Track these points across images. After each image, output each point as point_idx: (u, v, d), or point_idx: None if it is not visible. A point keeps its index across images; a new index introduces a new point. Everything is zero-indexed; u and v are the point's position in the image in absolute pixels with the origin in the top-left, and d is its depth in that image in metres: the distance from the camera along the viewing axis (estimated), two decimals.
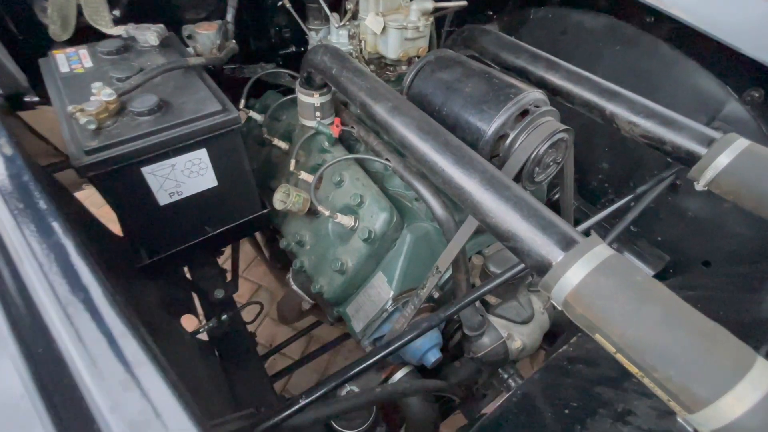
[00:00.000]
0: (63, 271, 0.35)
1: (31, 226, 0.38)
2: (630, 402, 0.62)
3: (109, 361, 0.32)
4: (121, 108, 0.77)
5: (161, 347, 0.45)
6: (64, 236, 0.38)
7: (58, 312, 0.33)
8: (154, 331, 0.70)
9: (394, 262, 1.00)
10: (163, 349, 0.44)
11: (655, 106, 0.79)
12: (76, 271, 0.36)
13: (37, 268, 0.35)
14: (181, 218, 0.91)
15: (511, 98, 0.76)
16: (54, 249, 0.37)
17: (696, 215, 1.28)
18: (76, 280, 0.35)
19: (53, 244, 0.37)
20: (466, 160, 0.60)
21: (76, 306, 0.33)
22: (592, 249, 0.47)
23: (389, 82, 1.15)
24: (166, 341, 0.76)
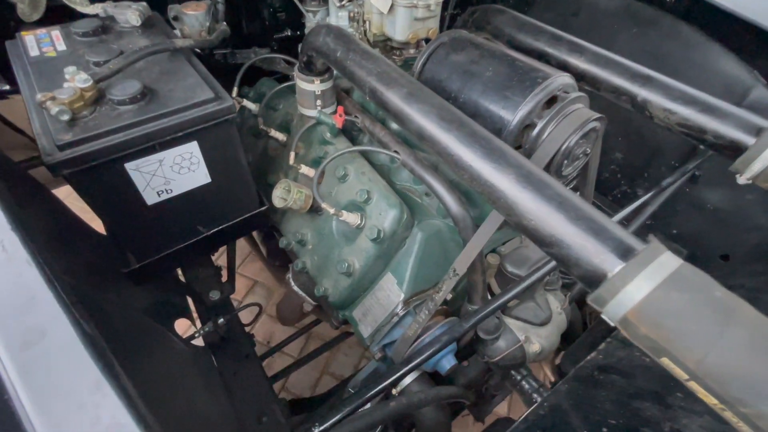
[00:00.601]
0: (19, 303, 0.27)
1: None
2: (677, 420, 0.56)
3: (60, 392, 0.25)
4: (98, 96, 0.67)
5: (136, 368, 0.37)
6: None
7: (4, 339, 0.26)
8: (133, 349, 0.62)
9: (404, 262, 0.93)
10: (137, 371, 0.37)
11: (694, 92, 0.72)
12: (37, 302, 0.28)
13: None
14: (171, 219, 0.82)
15: (538, 83, 0.69)
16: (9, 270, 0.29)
17: (716, 207, 1.22)
18: (34, 313, 0.27)
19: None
20: (497, 153, 0.53)
21: (33, 350, 0.26)
22: (657, 258, 0.40)
23: None
24: (147, 358, 0.69)
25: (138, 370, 0.55)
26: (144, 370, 0.58)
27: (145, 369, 0.60)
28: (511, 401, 1.98)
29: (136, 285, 0.88)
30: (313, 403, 1.45)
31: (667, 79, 0.76)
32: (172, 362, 0.80)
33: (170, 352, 0.83)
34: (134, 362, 0.55)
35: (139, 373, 0.52)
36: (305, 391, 2.13)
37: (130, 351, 0.59)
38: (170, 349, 0.85)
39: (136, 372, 0.49)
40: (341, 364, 2.22)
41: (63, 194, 1.12)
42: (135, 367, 0.53)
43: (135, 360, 0.58)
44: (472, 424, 2.05)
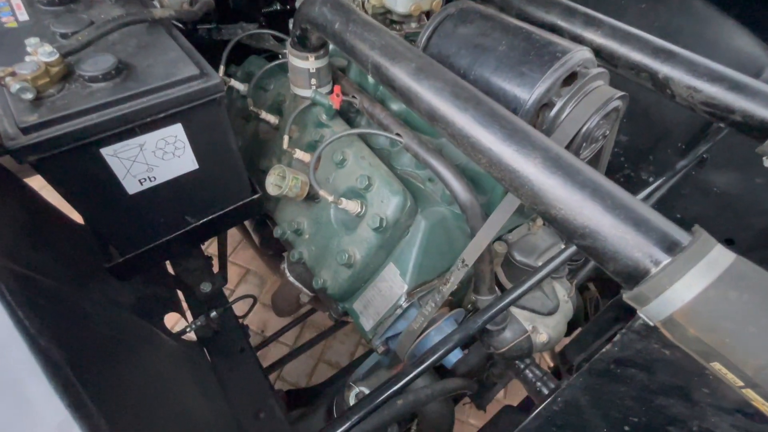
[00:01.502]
0: None
1: None
2: (706, 418, 0.53)
3: None
4: (67, 72, 0.60)
5: (117, 376, 0.32)
6: None
7: None
8: (115, 352, 0.57)
9: (408, 252, 0.88)
10: (118, 379, 0.32)
11: (722, 68, 0.67)
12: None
13: None
14: (156, 209, 0.76)
15: (557, 58, 0.63)
16: None
17: (723, 191, 1.19)
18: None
19: None
20: (521, 134, 0.48)
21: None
22: (709, 252, 0.36)
23: None
24: (131, 361, 0.63)
25: (120, 376, 0.50)
26: (127, 376, 0.53)
27: (128, 374, 0.54)
28: (507, 386, 1.99)
29: (120, 280, 0.82)
30: (309, 394, 1.42)
31: (692, 54, 0.71)
32: (160, 362, 0.75)
33: (158, 351, 0.78)
34: (115, 369, 0.50)
35: (121, 380, 0.47)
36: (301, 379, 2.11)
37: (111, 355, 0.53)
38: (158, 348, 0.79)
39: (118, 380, 0.44)
40: (337, 352, 2.20)
41: (39, 184, 1.04)
42: (116, 375, 0.47)
43: (117, 366, 0.52)
44: (468, 408, 2.06)
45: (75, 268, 0.78)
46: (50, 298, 0.49)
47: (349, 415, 0.50)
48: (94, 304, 0.67)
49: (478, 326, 0.61)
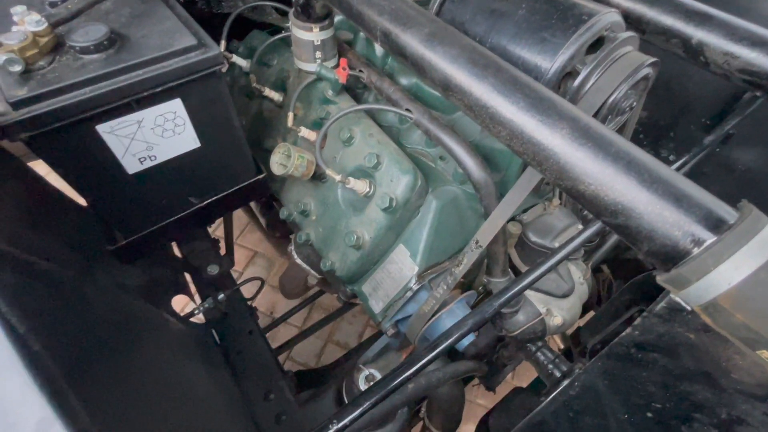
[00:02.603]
0: None
1: None
2: (736, 406, 0.51)
3: None
4: (57, 43, 0.56)
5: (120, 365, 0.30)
6: None
7: None
8: (120, 339, 0.55)
9: (418, 233, 0.85)
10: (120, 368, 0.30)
11: (764, 31, 0.61)
12: None
13: None
14: (158, 189, 0.73)
15: (583, 21, 0.58)
16: None
17: (748, 168, 1.14)
18: None
19: None
20: (546, 103, 0.43)
21: None
22: (761, 230, 0.32)
23: None
24: (136, 347, 0.62)
25: (125, 361, 0.48)
26: (133, 361, 0.51)
27: (134, 359, 0.53)
28: (515, 368, 1.99)
29: (124, 263, 0.80)
30: (319, 375, 1.42)
31: (729, 16, 0.65)
32: (167, 346, 0.74)
33: (165, 335, 0.77)
34: (120, 353, 0.48)
35: (126, 365, 0.45)
36: (310, 359, 2.13)
37: (115, 340, 0.52)
38: (165, 332, 0.78)
39: (122, 365, 0.42)
40: (346, 333, 2.21)
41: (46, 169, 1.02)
42: (120, 360, 0.46)
43: (121, 350, 0.51)
44: (477, 389, 2.07)
45: (79, 252, 0.76)
46: (50, 282, 0.47)
47: (361, 400, 0.48)
48: (98, 289, 0.65)
49: (493, 310, 0.58)
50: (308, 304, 1.97)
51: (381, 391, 0.49)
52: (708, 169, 1.21)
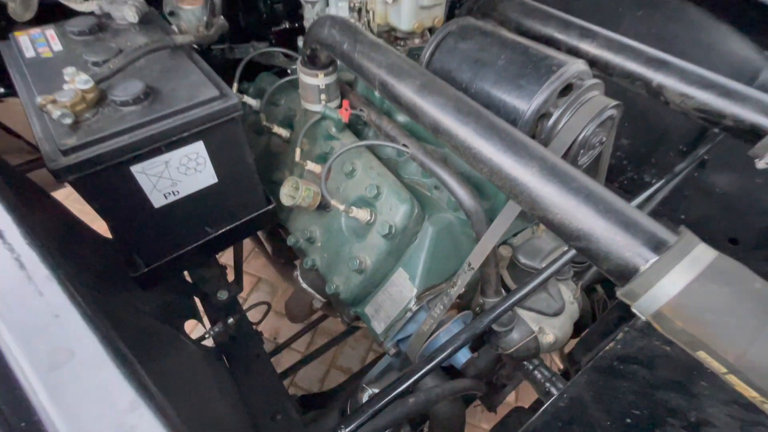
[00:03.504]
0: (43, 323, 0.26)
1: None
2: (704, 410, 0.56)
3: (93, 414, 0.24)
4: (100, 97, 0.65)
5: (159, 377, 0.36)
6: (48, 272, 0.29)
7: (38, 378, 0.24)
8: (149, 355, 0.61)
9: (416, 257, 0.92)
10: (162, 381, 0.36)
11: (712, 75, 0.70)
12: (62, 319, 0.27)
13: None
14: (179, 221, 0.81)
15: (553, 71, 0.67)
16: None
17: (725, 191, 1.21)
18: (61, 332, 0.26)
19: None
20: (519, 145, 0.51)
21: (61, 370, 0.25)
22: (692, 250, 0.39)
23: None
24: (165, 362, 0.67)
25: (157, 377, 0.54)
26: (162, 377, 0.57)
27: (163, 375, 0.59)
28: (519, 389, 2.00)
29: (144, 289, 0.87)
30: (323, 398, 1.45)
31: (683, 62, 0.74)
32: (186, 365, 0.79)
33: (184, 355, 0.82)
34: (153, 369, 0.54)
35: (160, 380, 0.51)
36: (314, 385, 2.14)
37: (146, 358, 0.58)
38: (184, 352, 0.84)
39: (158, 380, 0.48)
40: (348, 358, 2.23)
41: (61, 196, 1.10)
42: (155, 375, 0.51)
43: (153, 367, 0.56)
44: (480, 412, 2.07)
45: (103, 278, 0.83)
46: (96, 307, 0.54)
47: (361, 412, 0.53)
48: (123, 311, 0.71)
49: (483, 326, 0.64)
50: (311, 329, 2.01)
51: (381, 402, 0.54)
52: (688, 192, 1.29)
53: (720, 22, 1.11)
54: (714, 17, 1.12)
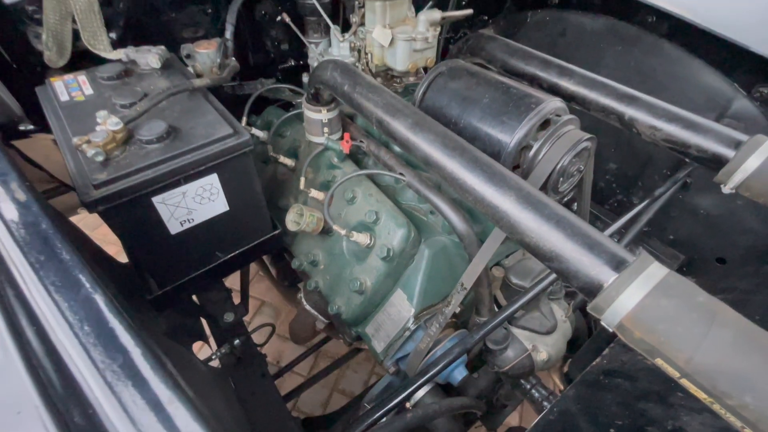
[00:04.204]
0: (96, 332, 0.32)
1: (56, 280, 0.35)
2: (679, 418, 0.60)
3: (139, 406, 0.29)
4: (128, 136, 0.73)
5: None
6: (92, 290, 0.35)
7: (95, 378, 0.30)
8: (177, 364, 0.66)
9: (413, 278, 0.97)
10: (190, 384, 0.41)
11: (677, 110, 0.78)
12: (111, 330, 0.32)
13: (68, 329, 0.32)
14: (192, 246, 0.87)
15: (532, 108, 0.74)
16: (84, 306, 0.33)
17: (708, 212, 1.27)
18: (112, 341, 0.32)
19: (82, 300, 0.34)
20: (498, 177, 0.58)
21: (115, 372, 0.30)
22: (646, 269, 0.45)
23: (397, 94, 1.13)
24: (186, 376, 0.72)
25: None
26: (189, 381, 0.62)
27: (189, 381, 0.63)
28: (523, 411, 2.00)
29: (158, 311, 0.92)
30: (326, 421, 1.47)
31: (651, 98, 0.82)
32: (200, 383, 0.83)
33: (197, 374, 0.87)
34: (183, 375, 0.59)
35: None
36: (316, 409, 2.14)
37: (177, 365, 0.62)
38: (197, 371, 0.88)
39: None
40: (351, 381, 2.23)
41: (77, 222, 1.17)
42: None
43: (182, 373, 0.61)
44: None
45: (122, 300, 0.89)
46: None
47: (357, 424, 0.57)
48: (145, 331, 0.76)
49: (474, 341, 0.69)
50: (314, 351, 2.03)
51: (379, 412, 0.59)
52: (675, 213, 1.35)
53: (692, 57, 1.20)
54: (687, 53, 1.21)
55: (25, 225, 0.40)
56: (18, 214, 0.40)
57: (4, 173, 0.45)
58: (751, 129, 1.12)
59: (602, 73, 1.41)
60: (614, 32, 1.37)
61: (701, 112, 1.20)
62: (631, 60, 1.34)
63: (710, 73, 1.17)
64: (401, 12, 0.98)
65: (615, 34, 1.37)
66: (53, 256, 0.37)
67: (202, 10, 1.19)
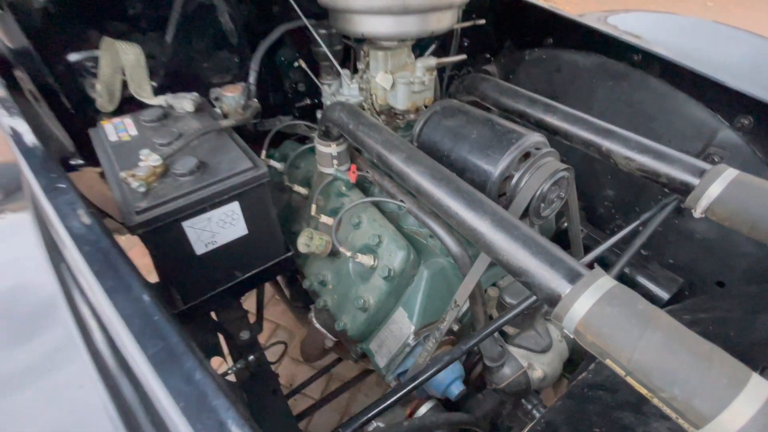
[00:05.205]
0: (143, 324, 0.42)
1: (112, 284, 0.45)
2: (650, 425, 0.65)
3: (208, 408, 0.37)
4: (165, 170, 0.86)
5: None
6: (140, 292, 0.45)
7: (143, 359, 0.39)
8: None
9: (414, 297, 1.05)
10: None
11: (647, 142, 0.86)
12: (155, 322, 0.42)
13: (121, 321, 0.42)
14: (214, 265, 0.98)
15: (513, 143, 0.84)
16: (134, 304, 0.43)
17: (704, 237, 1.31)
18: (156, 331, 0.41)
19: (133, 299, 0.44)
20: (476, 203, 0.67)
21: (157, 354, 0.39)
22: (596, 281, 0.52)
23: (399, 129, 1.25)
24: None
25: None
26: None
27: None
28: None
29: (182, 324, 1.02)
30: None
31: (625, 132, 0.90)
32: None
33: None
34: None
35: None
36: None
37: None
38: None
39: None
40: (362, 405, 2.25)
41: None
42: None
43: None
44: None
45: None
46: None
47: (350, 423, 0.64)
48: None
49: (463, 351, 0.76)
50: (325, 373, 2.08)
51: (368, 414, 0.66)
52: (672, 237, 1.39)
53: (677, 91, 1.28)
54: (671, 87, 1.29)
55: (88, 242, 0.51)
56: (84, 233, 0.51)
57: (73, 202, 0.57)
58: (735, 157, 1.19)
59: (595, 106, 1.51)
60: (604, 69, 1.47)
61: (689, 141, 1.28)
62: (621, 94, 1.43)
63: (694, 105, 1.25)
64: (401, 59, 1.11)
65: (605, 70, 1.47)
66: (110, 266, 0.48)
67: (229, 58, 1.36)
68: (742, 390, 0.41)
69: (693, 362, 0.43)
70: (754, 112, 1.12)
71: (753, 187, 0.72)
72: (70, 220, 0.53)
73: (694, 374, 0.43)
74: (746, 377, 0.42)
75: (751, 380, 0.41)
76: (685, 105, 1.28)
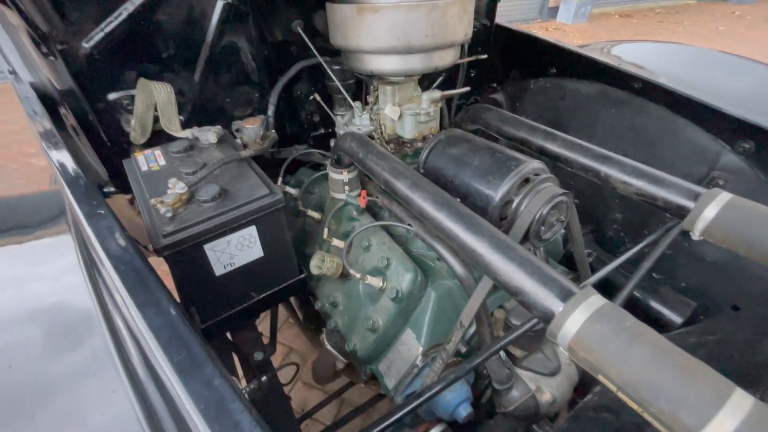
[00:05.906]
0: (169, 334, 0.47)
1: (143, 299, 0.51)
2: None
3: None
4: (190, 197, 0.94)
5: None
6: (168, 306, 0.51)
7: (168, 365, 0.44)
8: None
9: (421, 318, 1.08)
10: None
11: (643, 167, 0.89)
12: (180, 333, 0.47)
13: (150, 332, 0.47)
14: (232, 286, 1.04)
15: (512, 169, 0.89)
16: (162, 316, 0.49)
17: (715, 260, 1.30)
18: (180, 340, 0.46)
19: (161, 312, 0.49)
20: (476, 227, 0.72)
21: (182, 361, 0.44)
22: (587, 299, 0.56)
23: (407, 156, 1.31)
24: None
25: None
26: None
27: None
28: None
29: None
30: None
31: (622, 158, 0.94)
32: None
33: None
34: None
35: None
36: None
37: None
38: None
39: None
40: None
41: None
42: None
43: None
44: None
45: None
46: None
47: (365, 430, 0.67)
48: None
49: (467, 369, 0.78)
50: (337, 398, 2.08)
51: (379, 427, 0.68)
52: (683, 261, 1.39)
53: (678, 116, 1.32)
54: (672, 113, 1.33)
55: (123, 262, 0.57)
56: (120, 253, 0.58)
57: (111, 226, 0.64)
58: (740, 181, 1.20)
59: (599, 131, 1.55)
60: (606, 96, 1.52)
61: (693, 165, 1.30)
62: (624, 120, 1.47)
63: (695, 130, 1.28)
64: (408, 92, 1.19)
65: (607, 98, 1.52)
66: (141, 282, 0.54)
67: (250, 93, 1.47)
68: (726, 403, 0.43)
69: (678, 376, 0.46)
70: (755, 137, 1.14)
71: (746, 210, 0.75)
72: (109, 242, 0.60)
73: (679, 388, 0.45)
74: (729, 391, 0.44)
75: (734, 394, 0.43)
76: (687, 130, 1.31)
